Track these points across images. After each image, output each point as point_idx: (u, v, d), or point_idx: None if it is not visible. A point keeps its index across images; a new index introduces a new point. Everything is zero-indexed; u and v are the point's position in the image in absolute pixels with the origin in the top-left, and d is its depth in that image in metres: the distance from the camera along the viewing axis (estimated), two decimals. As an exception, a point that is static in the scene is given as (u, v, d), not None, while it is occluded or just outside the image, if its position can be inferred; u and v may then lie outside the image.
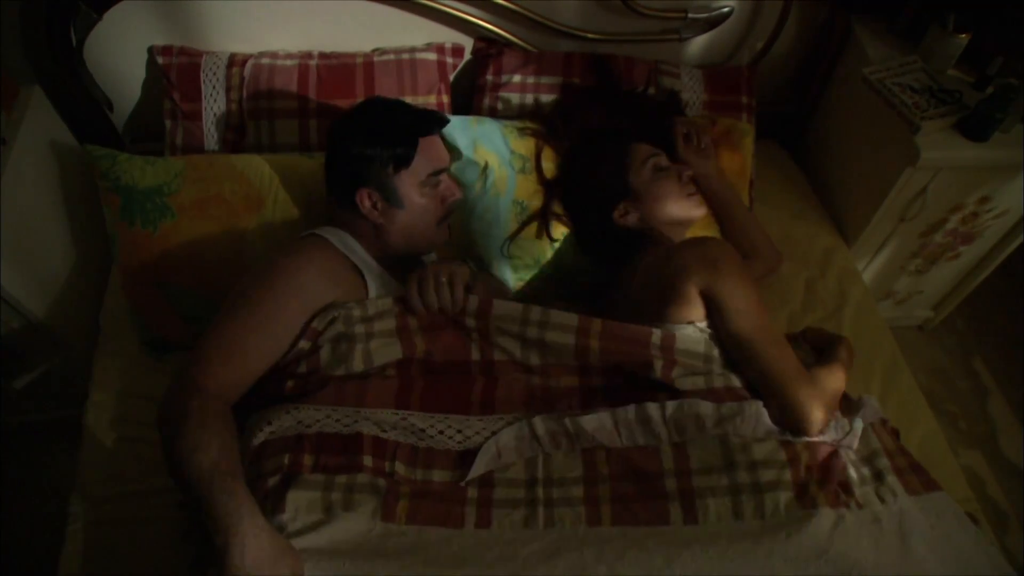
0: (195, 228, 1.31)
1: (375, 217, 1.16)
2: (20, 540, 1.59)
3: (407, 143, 1.15)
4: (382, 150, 1.13)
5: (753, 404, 1.03)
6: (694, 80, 1.66)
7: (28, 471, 1.69)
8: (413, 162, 1.15)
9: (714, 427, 1.00)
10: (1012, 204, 1.63)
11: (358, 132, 1.15)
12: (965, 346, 2.12)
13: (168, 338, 1.38)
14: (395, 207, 1.16)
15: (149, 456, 1.25)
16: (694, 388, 1.05)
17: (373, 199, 1.15)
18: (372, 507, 0.92)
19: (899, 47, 1.65)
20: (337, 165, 1.18)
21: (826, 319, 1.54)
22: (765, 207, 1.68)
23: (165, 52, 1.53)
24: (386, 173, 1.14)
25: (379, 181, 1.14)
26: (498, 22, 1.61)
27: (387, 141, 1.14)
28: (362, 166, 1.14)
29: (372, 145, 1.13)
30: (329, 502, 0.91)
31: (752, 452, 0.98)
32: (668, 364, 1.06)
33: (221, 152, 1.53)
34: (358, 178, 1.14)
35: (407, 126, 1.16)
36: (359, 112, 1.20)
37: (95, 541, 1.16)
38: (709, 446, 0.99)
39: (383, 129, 1.15)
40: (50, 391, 1.60)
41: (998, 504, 1.79)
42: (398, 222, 1.17)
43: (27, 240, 1.39)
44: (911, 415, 1.38)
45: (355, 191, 1.14)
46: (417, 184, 1.16)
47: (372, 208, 1.15)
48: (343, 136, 1.16)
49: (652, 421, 1.01)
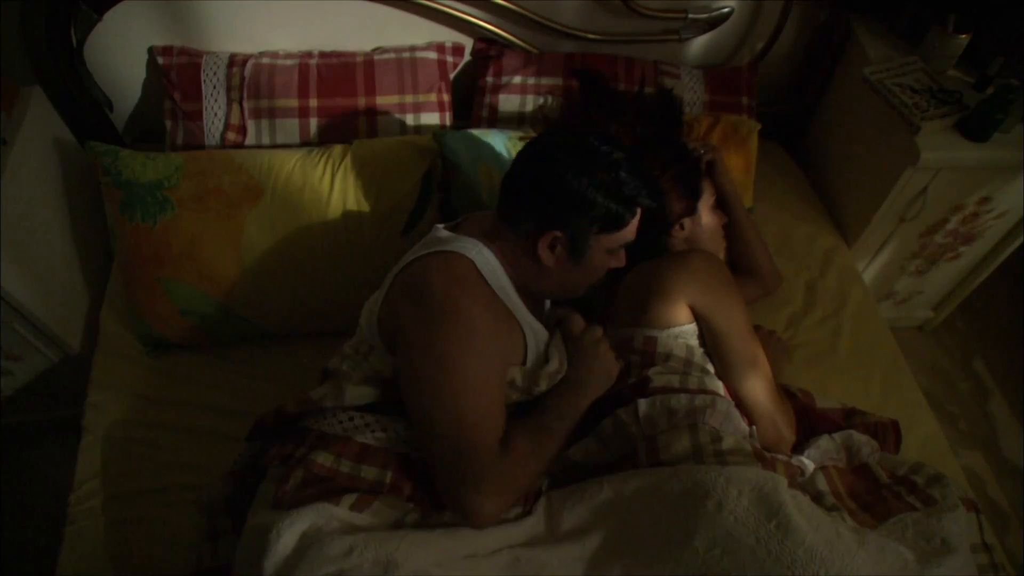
0: (194, 221, 1.32)
1: (546, 259, 1.02)
2: (19, 540, 1.59)
3: (629, 208, 1.01)
4: (604, 206, 0.98)
5: (725, 401, 1.05)
6: (694, 80, 1.66)
7: (27, 471, 1.69)
8: (622, 230, 1.03)
9: (685, 417, 1.02)
10: (1012, 204, 1.63)
11: (585, 173, 0.97)
12: (965, 347, 2.12)
13: (167, 335, 1.38)
14: (572, 261, 1.03)
15: (148, 456, 1.26)
16: (667, 384, 1.06)
17: (557, 243, 1.01)
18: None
19: (899, 47, 1.65)
20: (541, 192, 1.00)
21: (826, 319, 1.54)
22: (765, 207, 1.68)
23: (165, 52, 1.53)
24: (590, 228, 1.00)
25: (578, 231, 1.00)
26: (498, 22, 1.61)
27: (614, 198, 0.99)
28: (572, 210, 0.98)
29: (597, 195, 0.98)
30: (403, 522, 0.95)
31: (721, 443, 0.99)
32: (646, 363, 1.08)
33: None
34: (559, 218, 0.99)
35: (636, 189, 1.00)
36: (589, 149, 1.00)
37: (94, 541, 1.16)
38: (678, 434, 1.01)
39: (615, 184, 0.98)
40: (50, 391, 1.59)
41: (998, 504, 1.79)
42: (563, 273, 1.05)
43: (27, 240, 1.39)
44: (911, 416, 1.37)
45: (548, 230, 1.00)
46: (605, 249, 1.04)
47: (548, 249, 1.01)
48: (565, 167, 0.98)
49: (626, 425, 1.03)
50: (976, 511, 1.06)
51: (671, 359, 1.08)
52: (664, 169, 1.26)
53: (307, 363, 1.40)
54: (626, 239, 1.05)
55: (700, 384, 1.08)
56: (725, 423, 1.03)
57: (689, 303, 1.09)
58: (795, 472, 1.01)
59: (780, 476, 0.94)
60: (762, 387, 1.10)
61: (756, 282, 1.43)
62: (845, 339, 1.50)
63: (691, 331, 1.11)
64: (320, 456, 0.96)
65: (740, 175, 1.51)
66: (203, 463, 1.25)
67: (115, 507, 1.20)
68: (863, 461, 1.13)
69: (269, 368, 1.40)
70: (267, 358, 1.41)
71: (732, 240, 1.43)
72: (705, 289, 1.09)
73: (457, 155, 1.40)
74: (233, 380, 1.37)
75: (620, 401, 1.07)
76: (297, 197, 1.35)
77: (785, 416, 1.12)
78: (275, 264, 1.34)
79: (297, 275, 1.35)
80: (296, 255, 1.34)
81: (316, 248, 1.35)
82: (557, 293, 1.12)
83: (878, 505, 1.02)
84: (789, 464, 1.01)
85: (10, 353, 1.47)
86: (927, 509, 1.00)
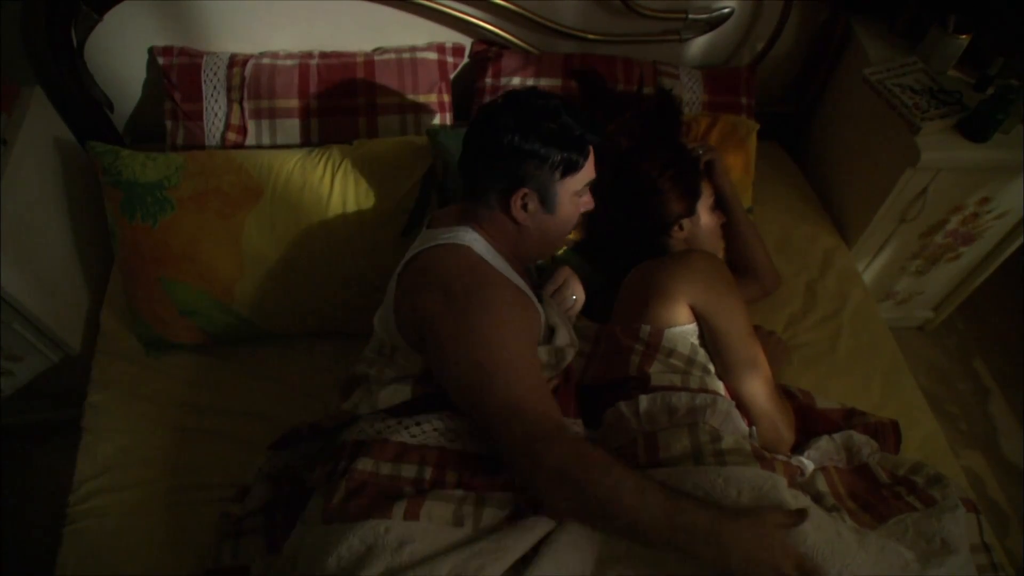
0: (194, 221, 1.32)
1: (522, 218, 1.07)
2: (18, 540, 1.59)
3: (581, 149, 1.06)
4: (558, 152, 1.04)
5: (725, 401, 1.05)
6: (694, 81, 1.66)
7: (27, 471, 1.69)
8: (581, 170, 1.08)
9: (685, 416, 1.02)
10: (1012, 205, 1.62)
11: (532, 128, 1.03)
12: (965, 347, 2.12)
13: (167, 336, 1.38)
14: (547, 212, 1.08)
15: (147, 456, 1.26)
16: (669, 384, 1.07)
17: (528, 200, 1.06)
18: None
19: (899, 48, 1.65)
20: (498, 159, 1.05)
21: (826, 320, 1.53)
22: (765, 207, 1.68)
23: (166, 53, 1.53)
24: (552, 177, 1.06)
25: (541, 183, 1.05)
26: (498, 23, 1.61)
27: (565, 143, 1.04)
28: (531, 165, 1.04)
29: (549, 145, 1.03)
30: (461, 515, 0.91)
31: (720, 442, 0.99)
32: (648, 358, 1.09)
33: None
34: (521, 177, 1.05)
35: (582, 129, 1.06)
36: (527, 105, 1.06)
37: (93, 541, 1.16)
38: (678, 433, 1.01)
39: (561, 130, 1.04)
40: (50, 391, 1.59)
41: (998, 505, 1.79)
42: (542, 227, 1.10)
43: (27, 240, 1.39)
44: (911, 416, 1.37)
45: (515, 189, 1.05)
46: (572, 192, 1.09)
47: (521, 209, 1.07)
48: (511, 129, 1.03)
49: (626, 419, 1.04)
50: (976, 512, 1.06)
51: (673, 355, 1.09)
52: (662, 170, 1.26)
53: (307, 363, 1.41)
54: (589, 178, 1.10)
55: (701, 384, 1.08)
56: (725, 423, 1.03)
57: (690, 303, 1.10)
58: (795, 472, 1.01)
59: (779, 476, 0.94)
60: (762, 387, 1.10)
61: (755, 282, 1.44)
62: (845, 339, 1.50)
63: (691, 331, 1.11)
64: (360, 463, 0.95)
65: (739, 175, 1.51)
66: (203, 463, 1.25)
67: (114, 507, 1.20)
68: (863, 461, 1.13)
69: (269, 368, 1.40)
70: (267, 358, 1.41)
71: (731, 240, 1.43)
72: (706, 289, 1.10)
73: (450, 153, 1.39)
74: (233, 380, 1.37)
75: (621, 393, 1.07)
76: (297, 197, 1.35)
77: (785, 416, 1.12)
78: (275, 264, 1.34)
79: (297, 275, 1.35)
80: (296, 255, 1.34)
81: (316, 248, 1.35)
82: (542, 249, 1.16)
83: (878, 505, 1.02)
84: (788, 464, 1.01)
85: (10, 353, 1.47)
86: (927, 509, 1.00)
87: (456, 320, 0.96)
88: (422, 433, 0.99)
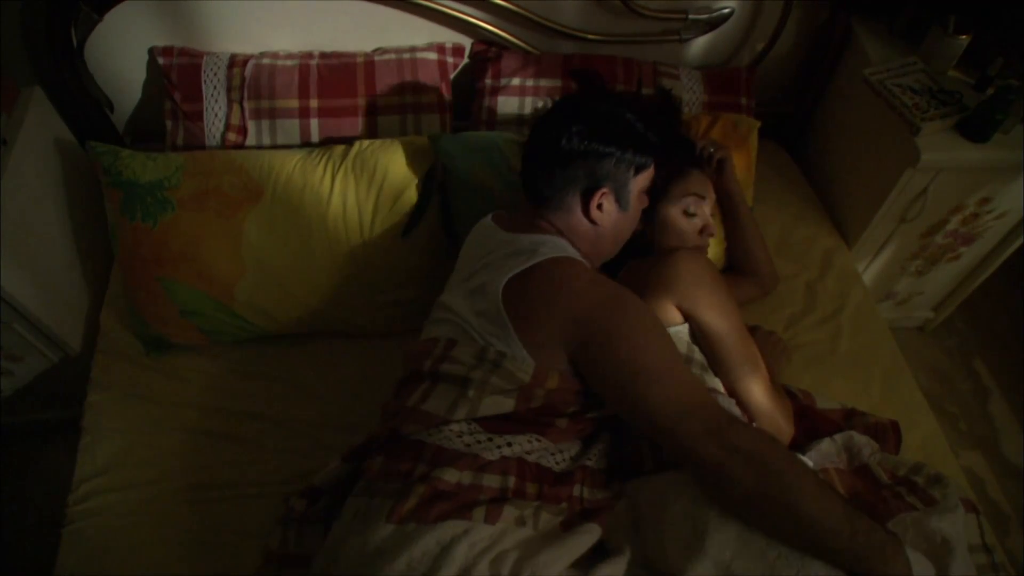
0: (194, 221, 1.32)
1: (599, 219, 1.09)
2: (17, 540, 1.59)
3: (649, 146, 1.11)
4: (631, 150, 1.08)
5: (726, 399, 1.05)
6: (693, 81, 1.66)
7: (26, 471, 1.69)
8: (649, 167, 1.12)
9: None
10: (1012, 205, 1.62)
11: (605, 128, 1.07)
12: (966, 347, 2.12)
13: (167, 336, 1.38)
14: (621, 210, 1.11)
15: (147, 457, 1.26)
16: None
17: (604, 200, 1.08)
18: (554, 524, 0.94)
19: (899, 48, 1.65)
20: (576, 161, 1.07)
21: (826, 320, 1.53)
22: (765, 207, 1.68)
23: (166, 53, 1.53)
24: (627, 175, 1.09)
25: (619, 181, 1.09)
26: (498, 23, 1.61)
27: (636, 141, 1.09)
28: (608, 163, 1.07)
29: (623, 143, 1.07)
30: (523, 517, 0.92)
31: None
32: None
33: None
34: (600, 176, 1.07)
35: (646, 126, 1.11)
36: (593, 106, 1.10)
37: (92, 542, 1.16)
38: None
39: (633, 125, 1.09)
40: (50, 391, 1.59)
41: (998, 505, 1.79)
42: (616, 226, 1.13)
43: (27, 240, 1.39)
44: (911, 416, 1.37)
45: (595, 191, 1.07)
46: (640, 190, 1.13)
47: (599, 210, 1.08)
48: (584, 132, 1.06)
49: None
50: (976, 513, 1.06)
51: None
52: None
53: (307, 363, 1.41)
54: (652, 175, 1.14)
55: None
56: None
57: (675, 304, 1.09)
58: None
59: None
60: (758, 384, 1.09)
61: (755, 282, 1.43)
62: (845, 340, 1.50)
63: (684, 331, 1.11)
64: (444, 472, 0.92)
65: (741, 173, 1.50)
66: (203, 463, 1.25)
67: (114, 508, 1.20)
68: (863, 462, 1.12)
69: (269, 368, 1.39)
70: (267, 358, 1.41)
71: (735, 240, 1.43)
72: (690, 290, 1.08)
73: (452, 158, 1.39)
74: (233, 380, 1.37)
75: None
76: (297, 198, 1.35)
77: (783, 410, 1.11)
78: (275, 264, 1.34)
79: (297, 275, 1.35)
80: (296, 255, 1.34)
81: (316, 248, 1.34)
82: (612, 250, 1.17)
83: (879, 506, 1.02)
84: None
85: (10, 353, 1.47)
86: (928, 509, 1.00)
87: (618, 330, 0.96)
88: (512, 453, 0.97)
